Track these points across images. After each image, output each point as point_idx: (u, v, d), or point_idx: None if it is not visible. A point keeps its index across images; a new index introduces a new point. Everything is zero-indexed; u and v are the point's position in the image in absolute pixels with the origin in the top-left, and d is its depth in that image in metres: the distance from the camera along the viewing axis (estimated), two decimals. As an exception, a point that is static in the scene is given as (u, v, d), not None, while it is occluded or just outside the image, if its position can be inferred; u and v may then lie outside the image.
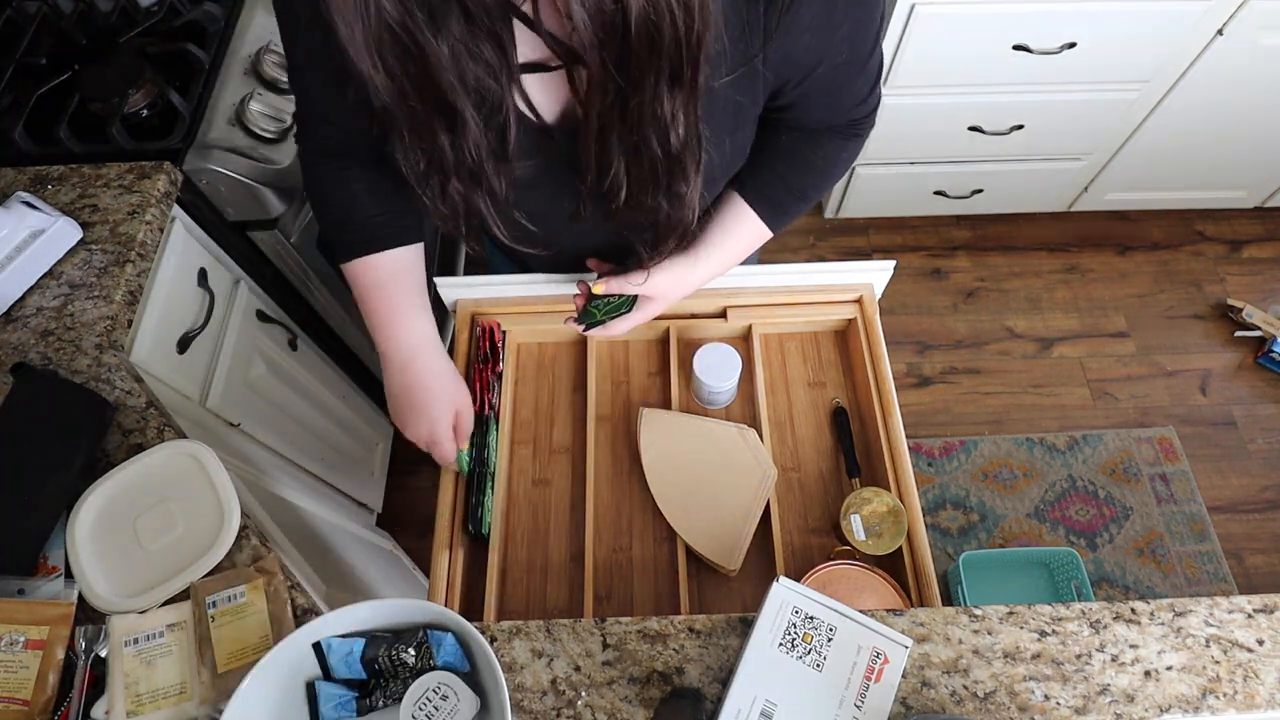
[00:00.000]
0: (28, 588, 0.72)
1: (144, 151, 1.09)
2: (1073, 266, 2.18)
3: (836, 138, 0.79)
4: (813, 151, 0.80)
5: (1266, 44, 1.60)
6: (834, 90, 0.72)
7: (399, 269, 0.82)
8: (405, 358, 0.83)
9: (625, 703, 0.67)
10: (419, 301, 0.84)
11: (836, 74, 0.69)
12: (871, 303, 1.03)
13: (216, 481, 0.77)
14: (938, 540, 1.79)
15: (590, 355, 1.02)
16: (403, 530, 1.70)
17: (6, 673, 0.67)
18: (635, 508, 0.95)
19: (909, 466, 0.91)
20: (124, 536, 0.74)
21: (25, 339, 0.90)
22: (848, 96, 0.74)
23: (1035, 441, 1.91)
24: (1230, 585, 1.74)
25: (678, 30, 0.49)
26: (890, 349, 1.52)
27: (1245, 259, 2.18)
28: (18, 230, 0.93)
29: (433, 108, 0.55)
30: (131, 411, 0.84)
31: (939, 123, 1.80)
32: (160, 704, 0.67)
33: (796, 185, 0.82)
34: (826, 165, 0.82)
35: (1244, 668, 0.67)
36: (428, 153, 0.60)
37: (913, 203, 2.12)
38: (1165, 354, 2.05)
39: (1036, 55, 1.59)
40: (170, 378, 1.05)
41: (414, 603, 0.64)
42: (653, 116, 0.56)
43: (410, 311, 0.83)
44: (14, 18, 1.27)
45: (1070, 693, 0.66)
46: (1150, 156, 1.92)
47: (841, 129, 0.79)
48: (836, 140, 0.80)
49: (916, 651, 0.69)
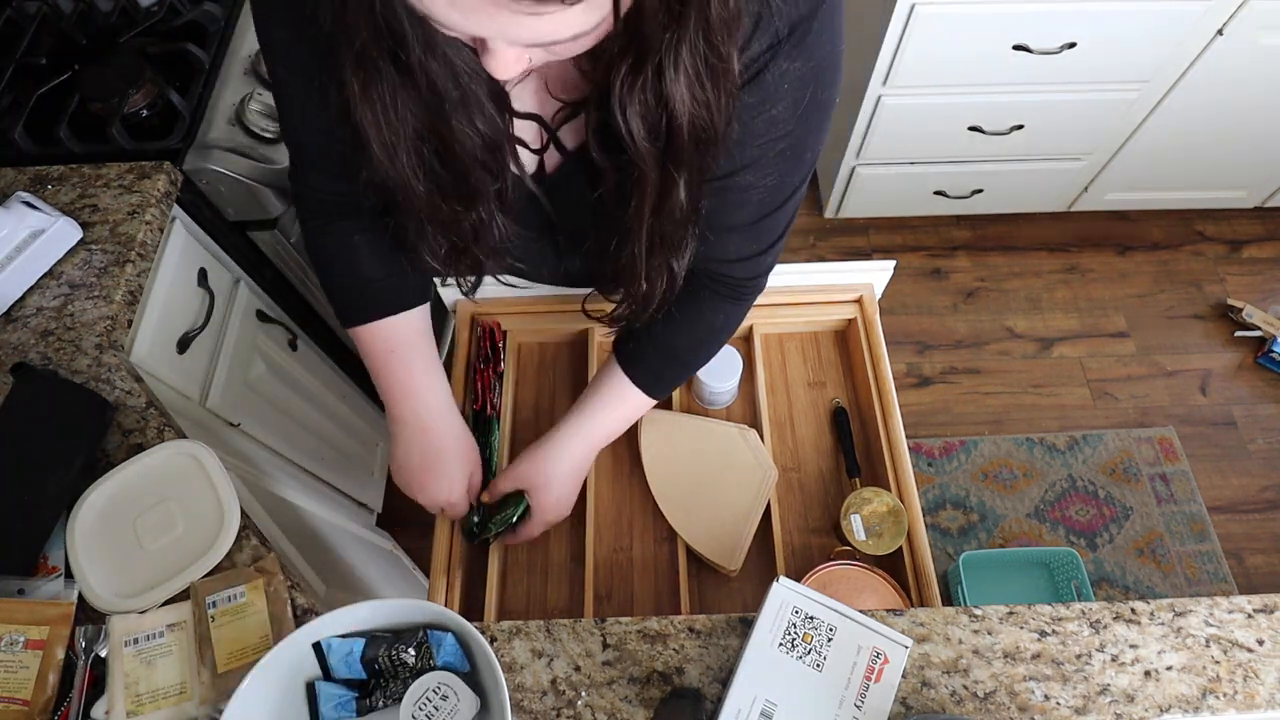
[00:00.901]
0: (28, 588, 0.72)
1: (144, 151, 1.09)
2: (1073, 266, 2.18)
3: (718, 300, 0.77)
4: (693, 315, 0.78)
5: (1266, 44, 1.60)
6: (728, 212, 0.67)
7: (410, 332, 0.81)
8: (426, 423, 0.82)
9: (625, 703, 0.67)
10: (433, 364, 0.82)
11: (738, 195, 0.66)
12: (871, 303, 1.03)
13: (216, 481, 0.77)
14: (938, 540, 1.79)
15: (591, 355, 1.02)
16: (403, 530, 1.70)
17: (6, 673, 0.67)
18: (636, 508, 0.95)
19: (909, 466, 0.91)
20: (124, 536, 0.74)
21: (25, 339, 0.90)
22: (740, 232, 0.69)
23: (1035, 441, 1.91)
24: (1230, 585, 1.74)
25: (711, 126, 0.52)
26: (890, 349, 1.52)
27: (1245, 259, 2.18)
28: (18, 230, 0.92)
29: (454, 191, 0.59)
30: (131, 411, 0.84)
31: (939, 123, 1.80)
32: (160, 704, 0.67)
33: (677, 353, 0.81)
34: (705, 332, 0.81)
35: (1244, 668, 0.67)
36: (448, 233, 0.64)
37: (913, 203, 2.12)
38: (1165, 354, 2.05)
39: (1036, 55, 1.59)
40: (170, 378, 1.05)
41: (414, 603, 0.64)
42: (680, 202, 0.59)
43: (426, 376, 0.81)
44: (14, 18, 1.27)
45: (1070, 693, 0.66)
46: (1150, 156, 1.92)
47: (722, 289, 0.76)
48: (717, 303, 0.77)
49: (916, 651, 0.69)
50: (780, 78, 0.55)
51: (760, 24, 0.53)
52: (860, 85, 1.72)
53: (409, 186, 0.57)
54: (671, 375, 0.84)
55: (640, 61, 0.47)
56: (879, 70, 1.65)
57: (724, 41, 0.47)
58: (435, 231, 0.64)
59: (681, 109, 0.49)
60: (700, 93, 0.49)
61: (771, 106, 0.58)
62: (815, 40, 0.55)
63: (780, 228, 0.71)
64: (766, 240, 0.71)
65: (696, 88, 0.48)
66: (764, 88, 0.56)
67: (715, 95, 0.50)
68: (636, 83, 0.48)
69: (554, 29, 0.40)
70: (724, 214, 0.67)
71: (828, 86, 0.59)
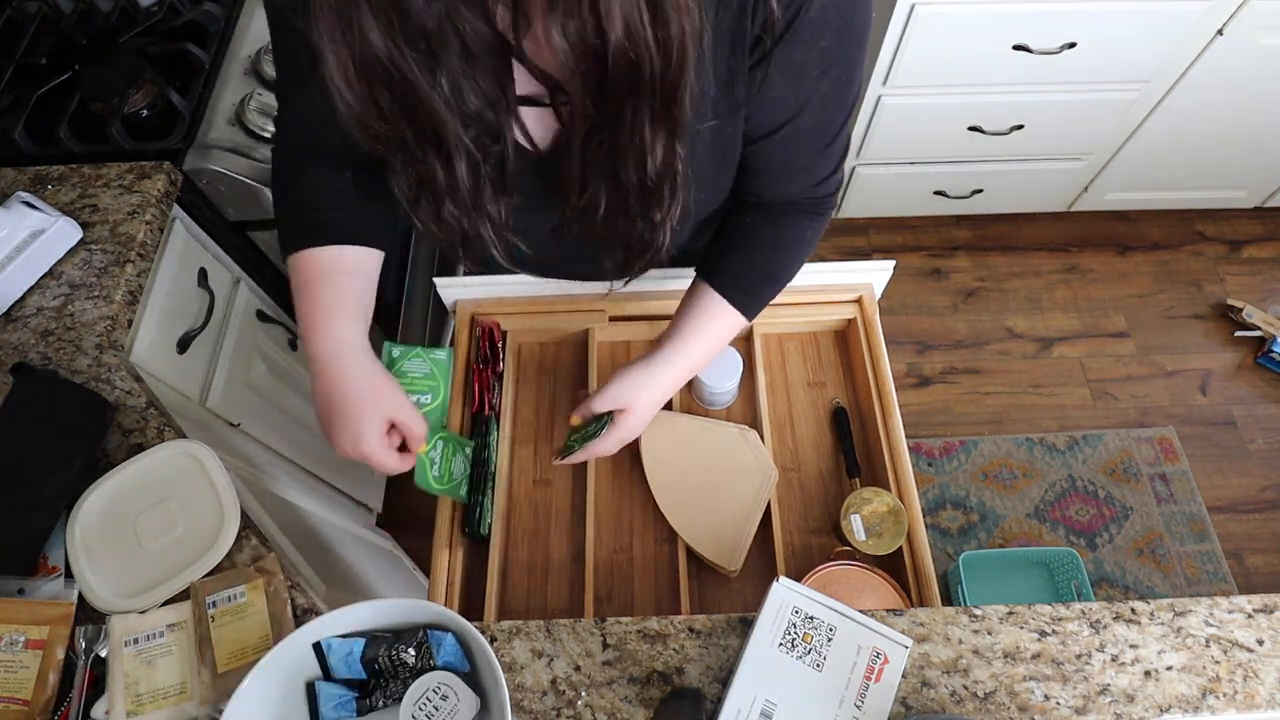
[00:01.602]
0: (28, 588, 0.72)
1: (144, 151, 1.09)
2: (1073, 266, 2.18)
3: (799, 216, 0.78)
4: (775, 231, 0.79)
5: (1266, 44, 1.60)
6: (795, 155, 0.71)
7: (339, 267, 0.75)
8: (324, 360, 0.74)
9: (625, 703, 0.67)
10: (353, 304, 0.76)
11: (801, 139, 0.68)
12: (871, 303, 1.03)
13: (216, 481, 0.77)
14: (938, 540, 1.79)
15: (591, 356, 1.02)
16: (403, 530, 1.70)
17: (6, 673, 0.67)
18: (636, 508, 0.95)
19: (909, 466, 0.91)
20: (124, 536, 0.74)
21: (25, 339, 0.90)
22: (809, 168, 0.73)
23: (1035, 441, 1.91)
24: (1230, 585, 1.74)
25: (654, 70, 0.51)
26: (890, 349, 1.53)
27: (1245, 259, 2.18)
28: (18, 230, 0.93)
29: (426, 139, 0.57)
30: (131, 411, 0.84)
31: (939, 123, 1.80)
32: (160, 704, 0.67)
33: (764, 267, 0.81)
34: (791, 244, 0.80)
35: (1244, 668, 0.67)
36: (421, 178, 0.61)
37: (913, 203, 2.12)
38: (1165, 354, 2.05)
39: (1036, 55, 1.59)
40: (170, 378, 1.05)
41: (414, 603, 0.64)
42: (631, 146, 0.58)
43: (338, 311, 0.75)
44: (14, 18, 1.27)
45: (1070, 693, 0.66)
46: (1150, 156, 1.92)
47: (803, 207, 0.78)
48: (799, 219, 0.78)
49: (916, 651, 0.69)
50: (824, 8, 0.57)
51: None
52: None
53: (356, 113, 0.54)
54: (763, 291, 0.82)
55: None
56: (879, 70, 1.65)
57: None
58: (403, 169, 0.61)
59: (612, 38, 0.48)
60: (639, 28, 0.48)
61: (820, 38, 0.59)
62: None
63: (845, 142, 0.73)
64: (835, 159, 0.73)
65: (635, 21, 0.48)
66: (810, 23, 0.58)
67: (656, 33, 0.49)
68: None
69: None
70: (796, 154, 0.70)
71: (864, 6, 0.61)
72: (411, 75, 0.51)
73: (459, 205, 0.63)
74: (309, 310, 0.74)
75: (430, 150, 0.58)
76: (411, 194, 0.63)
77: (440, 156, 0.59)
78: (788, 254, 0.81)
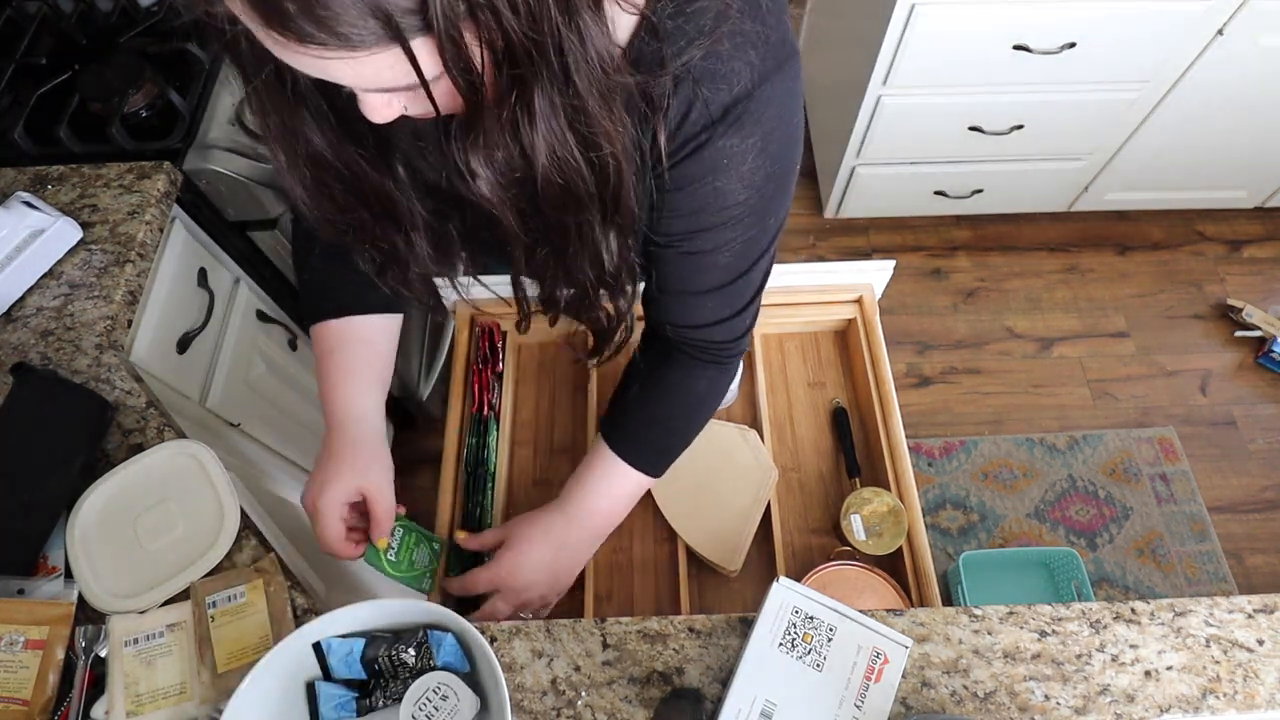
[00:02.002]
0: (28, 588, 0.72)
1: (144, 151, 1.09)
2: (1073, 266, 2.18)
3: (696, 364, 0.76)
4: (673, 379, 0.77)
5: (1266, 44, 1.60)
6: (693, 278, 0.68)
7: (357, 335, 0.78)
8: (330, 427, 0.76)
9: (625, 703, 0.67)
10: (366, 371, 0.78)
11: (701, 264, 0.66)
12: (871, 303, 1.03)
13: (216, 481, 0.77)
14: (938, 540, 1.79)
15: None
16: (403, 530, 1.70)
17: (6, 673, 0.67)
18: (636, 508, 0.94)
19: (909, 466, 0.91)
20: (124, 536, 0.74)
21: (25, 339, 0.90)
22: (709, 299, 0.69)
23: (1035, 441, 1.91)
24: (1230, 585, 1.74)
25: (588, 188, 0.51)
26: (890, 349, 1.52)
27: (1245, 259, 2.18)
28: (18, 230, 0.92)
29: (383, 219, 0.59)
30: (131, 411, 0.84)
31: (939, 123, 1.80)
32: (160, 704, 0.67)
33: (658, 419, 0.79)
34: (689, 396, 0.78)
35: (1244, 668, 0.67)
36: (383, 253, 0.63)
37: (913, 203, 2.12)
38: (1165, 354, 2.05)
39: (1036, 55, 1.59)
40: (170, 378, 1.05)
41: (414, 603, 0.64)
42: (583, 251, 0.58)
43: (354, 380, 0.77)
44: (14, 18, 1.27)
45: (1070, 693, 0.66)
46: (1150, 156, 1.92)
47: (702, 350, 0.75)
48: (697, 367, 0.76)
49: (916, 651, 0.69)
50: (719, 153, 0.56)
51: (691, 111, 0.54)
52: (860, 85, 1.71)
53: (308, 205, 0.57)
54: (663, 447, 0.80)
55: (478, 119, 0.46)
56: (879, 70, 1.65)
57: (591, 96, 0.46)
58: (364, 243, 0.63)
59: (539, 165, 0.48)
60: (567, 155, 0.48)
61: (715, 179, 0.58)
62: (756, 116, 0.55)
63: (751, 290, 0.71)
64: (739, 303, 0.71)
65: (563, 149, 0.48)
66: (703, 162, 0.57)
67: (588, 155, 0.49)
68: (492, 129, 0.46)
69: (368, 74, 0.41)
70: (690, 278, 0.68)
71: (781, 157, 0.59)
72: (360, 170, 0.54)
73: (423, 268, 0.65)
74: (326, 379, 0.77)
75: (389, 227, 0.60)
76: (376, 266, 0.65)
77: (400, 233, 0.60)
78: (688, 410, 0.79)
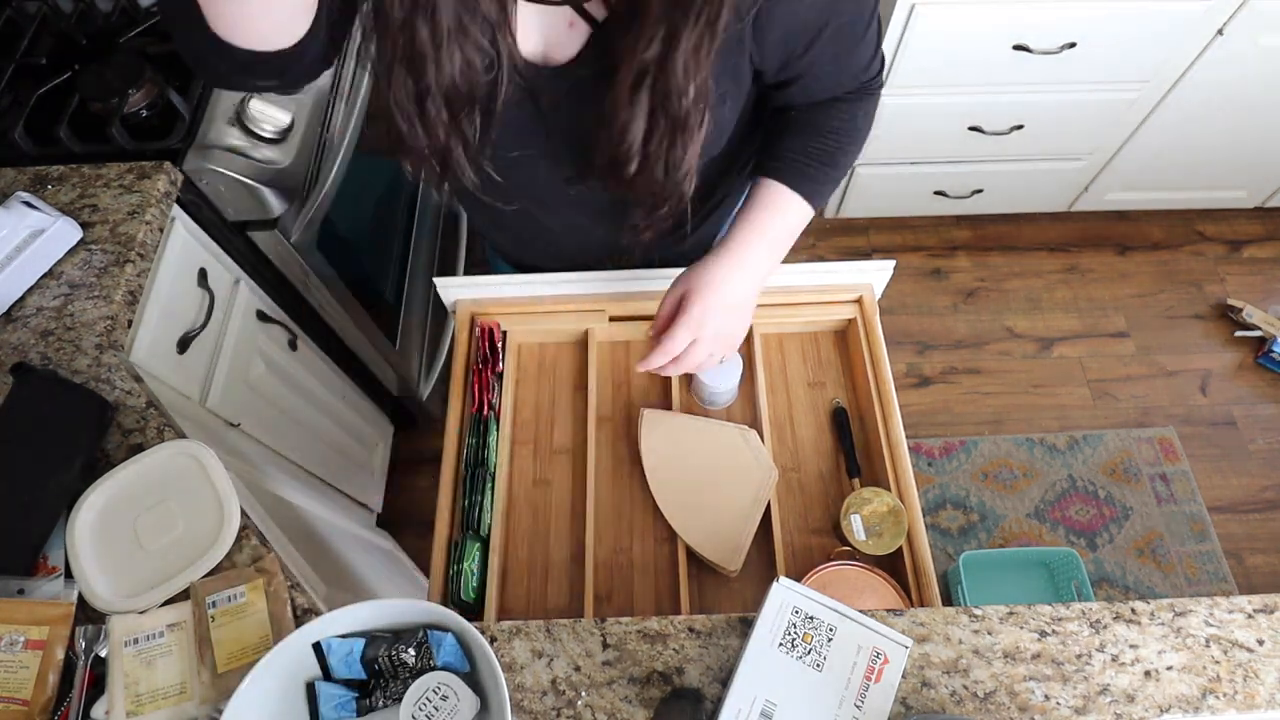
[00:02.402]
0: (28, 588, 0.72)
1: (144, 151, 1.09)
2: (1073, 266, 2.18)
3: (850, 100, 0.79)
4: (828, 117, 0.79)
5: (1266, 44, 1.60)
6: (840, 56, 0.72)
7: None
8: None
9: (625, 703, 0.67)
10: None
11: (841, 37, 0.69)
12: (871, 303, 1.02)
13: (216, 481, 0.77)
14: (938, 540, 1.79)
15: (591, 356, 1.02)
16: (403, 530, 1.70)
17: (6, 673, 0.67)
18: (636, 508, 0.95)
19: (909, 466, 0.91)
20: (124, 536, 0.74)
21: (25, 339, 0.90)
22: (853, 62, 0.74)
23: (1035, 441, 1.91)
24: (1230, 585, 1.74)
25: None
26: (890, 349, 1.52)
27: (1245, 259, 2.18)
28: (18, 230, 0.92)
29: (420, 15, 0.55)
30: (131, 411, 0.84)
31: (939, 123, 1.80)
32: (160, 704, 0.67)
33: (821, 151, 0.79)
34: (847, 126, 0.80)
35: (1244, 668, 0.67)
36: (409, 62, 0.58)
37: (913, 203, 2.12)
38: (1165, 354, 2.05)
39: (1036, 55, 1.59)
40: (170, 378, 1.05)
41: (414, 603, 0.64)
42: (684, 68, 0.57)
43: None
44: (14, 18, 1.27)
45: (1070, 693, 0.66)
46: (1150, 156, 1.92)
47: (852, 93, 0.79)
48: (850, 102, 0.79)
49: (916, 651, 0.69)
50: None
51: None
52: (860, 85, 1.72)
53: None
54: (825, 175, 0.79)
55: None
56: (879, 70, 1.65)
57: None
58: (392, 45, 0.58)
59: None
60: None
61: None
62: None
63: (875, 35, 0.73)
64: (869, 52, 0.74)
65: None
66: None
67: None
68: None
69: None
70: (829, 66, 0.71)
71: None
72: None
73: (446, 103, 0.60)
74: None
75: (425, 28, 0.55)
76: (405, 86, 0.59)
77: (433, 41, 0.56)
78: (843, 136, 0.80)
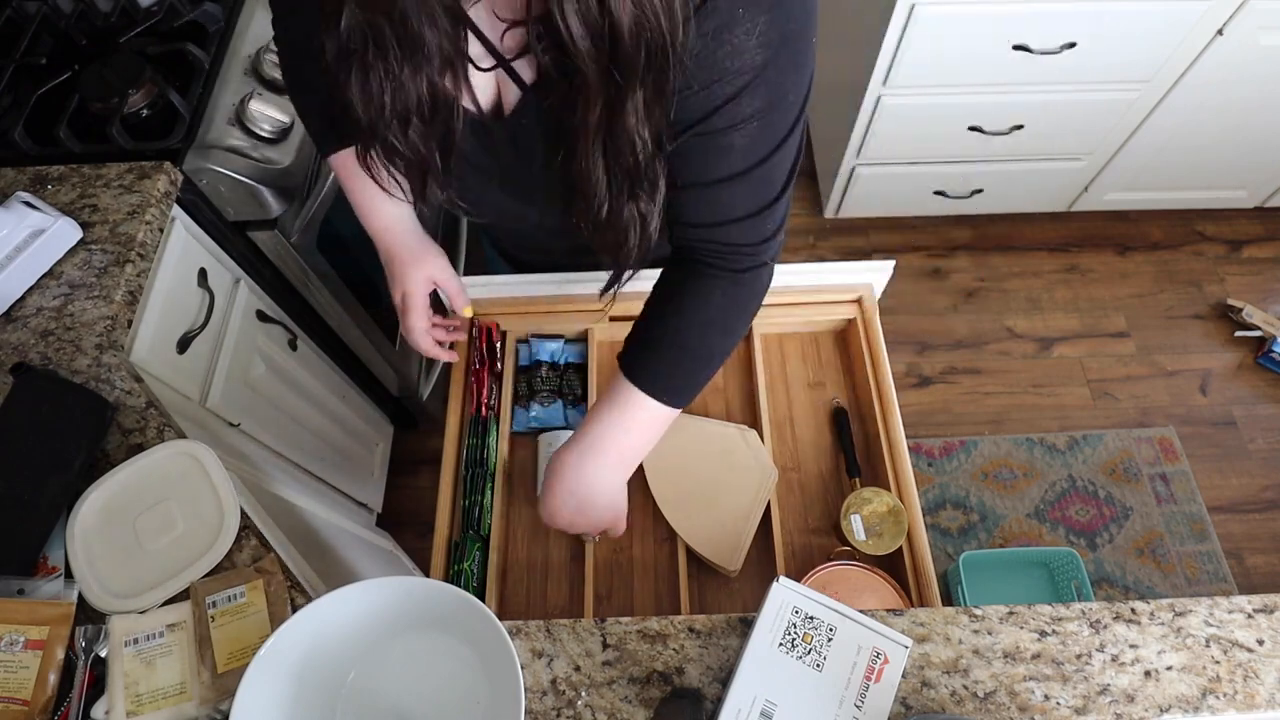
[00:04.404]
0: (28, 588, 0.72)
1: (144, 151, 1.09)
2: (1073, 266, 2.18)
3: (712, 274, 0.71)
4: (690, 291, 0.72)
5: (1266, 44, 1.60)
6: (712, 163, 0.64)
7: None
8: (377, 235, 0.88)
9: (625, 703, 0.67)
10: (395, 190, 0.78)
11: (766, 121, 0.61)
12: (871, 303, 1.03)
13: (216, 481, 0.77)
14: (938, 540, 1.79)
15: (590, 356, 1.02)
16: (403, 530, 1.70)
17: (6, 673, 0.67)
18: (636, 508, 0.95)
19: (909, 466, 0.91)
20: (124, 536, 0.74)
21: (25, 339, 0.90)
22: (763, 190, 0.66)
23: (1035, 441, 1.91)
24: (1230, 585, 1.74)
25: (661, 33, 0.51)
26: (890, 349, 1.52)
27: (1245, 259, 2.18)
28: (18, 230, 0.92)
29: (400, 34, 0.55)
30: (131, 411, 0.84)
31: (939, 123, 1.80)
32: (160, 704, 0.67)
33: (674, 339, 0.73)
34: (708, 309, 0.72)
35: (1244, 668, 0.67)
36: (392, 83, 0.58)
37: (913, 203, 2.12)
38: (1165, 354, 2.05)
39: (1036, 55, 1.59)
40: (170, 378, 1.05)
41: (433, 583, 0.64)
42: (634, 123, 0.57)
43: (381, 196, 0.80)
44: (14, 18, 1.27)
45: (1070, 693, 0.66)
46: (1150, 156, 1.92)
47: (718, 258, 0.71)
48: (711, 277, 0.71)
49: (916, 651, 0.69)
50: (733, 3, 0.54)
51: None
52: (860, 85, 1.72)
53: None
54: (678, 369, 0.73)
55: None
56: (879, 70, 1.65)
57: None
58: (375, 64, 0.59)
59: (622, 8, 0.48)
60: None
61: (729, 33, 0.55)
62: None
63: (773, 186, 0.66)
64: (760, 198, 0.66)
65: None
66: (719, 14, 0.54)
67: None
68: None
69: None
70: (707, 165, 0.64)
71: (795, 16, 0.56)
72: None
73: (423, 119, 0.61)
74: (358, 199, 0.86)
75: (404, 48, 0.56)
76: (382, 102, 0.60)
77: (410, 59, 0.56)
78: (705, 327, 0.73)
